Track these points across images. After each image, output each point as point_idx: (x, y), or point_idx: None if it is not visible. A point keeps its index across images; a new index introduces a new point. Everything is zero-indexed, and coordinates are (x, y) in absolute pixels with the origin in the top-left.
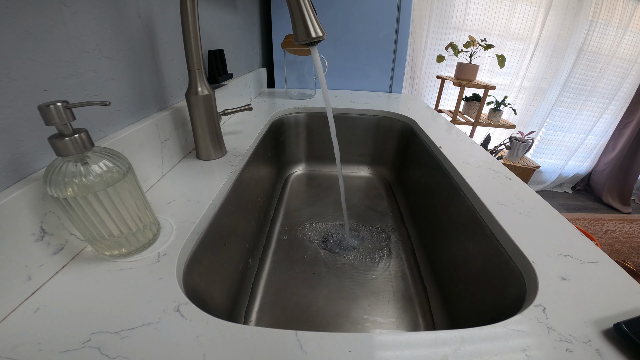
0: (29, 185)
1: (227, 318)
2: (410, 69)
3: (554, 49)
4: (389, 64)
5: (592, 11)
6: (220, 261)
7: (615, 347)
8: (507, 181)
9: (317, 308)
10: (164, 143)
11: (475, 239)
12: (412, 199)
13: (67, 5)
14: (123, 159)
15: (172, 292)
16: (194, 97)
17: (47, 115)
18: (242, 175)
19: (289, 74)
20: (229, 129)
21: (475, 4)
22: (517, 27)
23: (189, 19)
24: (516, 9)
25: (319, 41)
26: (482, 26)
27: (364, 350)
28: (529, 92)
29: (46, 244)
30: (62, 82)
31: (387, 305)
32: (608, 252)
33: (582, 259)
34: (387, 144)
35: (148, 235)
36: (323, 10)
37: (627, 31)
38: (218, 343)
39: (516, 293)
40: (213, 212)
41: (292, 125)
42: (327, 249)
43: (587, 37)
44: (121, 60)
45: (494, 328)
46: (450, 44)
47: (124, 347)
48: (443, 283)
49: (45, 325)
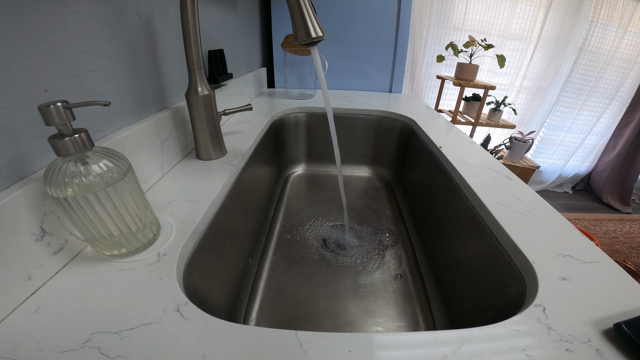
0: (29, 185)
1: (227, 318)
2: (410, 69)
3: (554, 49)
4: (389, 64)
5: (592, 11)
6: (220, 261)
7: (615, 347)
8: (507, 181)
9: (317, 308)
10: (164, 143)
11: (475, 239)
12: (412, 199)
13: (67, 5)
14: (123, 159)
15: (172, 292)
16: (194, 97)
17: (47, 115)
18: (242, 175)
19: (289, 74)
20: (229, 129)
21: (475, 4)
22: (517, 27)
23: (189, 19)
24: (516, 9)
25: (319, 41)
26: (482, 26)
27: (364, 350)
28: (529, 92)
29: (46, 244)
30: (62, 82)
31: (387, 305)
32: (608, 252)
33: (582, 259)
34: (387, 144)
35: (148, 235)
36: (323, 10)
37: (627, 31)
38: (218, 343)
39: (516, 293)
40: (213, 212)
41: (292, 125)
42: (327, 249)
43: (587, 37)
44: (121, 60)
45: (494, 328)
46: (450, 44)
47: (124, 347)
48: (443, 283)
49: (45, 325)
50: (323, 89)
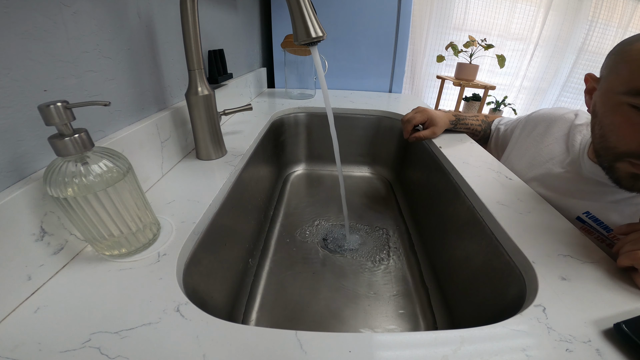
0: (29, 185)
1: (227, 318)
2: (410, 69)
3: (554, 49)
4: (389, 64)
5: (592, 11)
6: (220, 261)
7: (615, 347)
8: (507, 181)
9: (317, 308)
10: (164, 143)
11: (476, 239)
12: (412, 198)
13: (67, 5)
14: (123, 159)
15: (172, 292)
16: (194, 97)
17: (47, 115)
18: (242, 175)
19: (289, 74)
20: (229, 129)
21: (475, 4)
22: (517, 27)
23: (189, 19)
24: (516, 9)
25: (319, 41)
26: (482, 26)
27: (364, 350)
28: (529, 92)
29: (46, 244)
30: (62, 82)
31: (387, 305)
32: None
33: (582, 259)
34: (387, 144)
35: (148, 236)
36: (323, 10)
37: (627, 31)
38: (218, 343)
39: (516, 293)
40: (213, 212)
41: (292, 125)
42: (327, 249)
43: (587, 37)
44: (121, 60)
45: (494, 328)
46: (450, 44)
47: (124, 347)
48: (443, 283)
49: (45, 325)
50: (323, 89)
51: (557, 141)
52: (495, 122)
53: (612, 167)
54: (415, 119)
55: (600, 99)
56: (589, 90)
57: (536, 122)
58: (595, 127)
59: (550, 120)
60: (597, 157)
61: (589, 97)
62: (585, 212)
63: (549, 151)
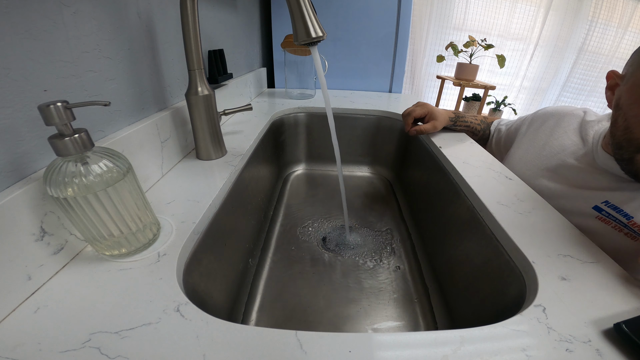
0: (29, 185)
1: (227, 318)
2: (410, 69)
3: (554, 49)
4: (389, 64)
5: (592, 11)
6: (220, 261)
7: (615, 347)
8: (507, 181)
9: (317, 308)
10: (164, 143)
11: (475, 239)
12: (412, 198)
13: (67, 5)
14: (123, 159)
15: (172, 292)
16: (194, 97)
17: (47, 115)
18: (242, 175)
19: (289, 74)
20: (229, 129)
21: (475, 4)
22: (517, 27)
23: (189, 19)
24: (516, 9)
25: (319, 41)
26: (482, 26)
27: (364, 350)
28: (529, 92)
29: (46, 244)
30: (62, 82)
31: (387, 305)
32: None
33: (582, 259)
34: (387, 144)
35: (148, 236)
36: (323, 10)
37: (627, 31)
38: (218, 343)
39: (516, 293)
40: (213, 212)
41: (292, 125)
42: (327, 249)
43: (587, 37)
44: (121, 60)
45: (494, 328)
46: (450, 44)
47: (124, 347)
48: (443, 283)
49: (45, 325)
50: (323, 89)
51: (568, 134)
52: (495, 123)
53: (633, 159)
54: (416, 112)
55: (627, 93)
56: (610, 87)
57: (545, 117)
58: (619, 120)
59: (560, 115)
60: (618, 150)
61: (610, 92)
62: (604, 202)
63: (559, 143)
